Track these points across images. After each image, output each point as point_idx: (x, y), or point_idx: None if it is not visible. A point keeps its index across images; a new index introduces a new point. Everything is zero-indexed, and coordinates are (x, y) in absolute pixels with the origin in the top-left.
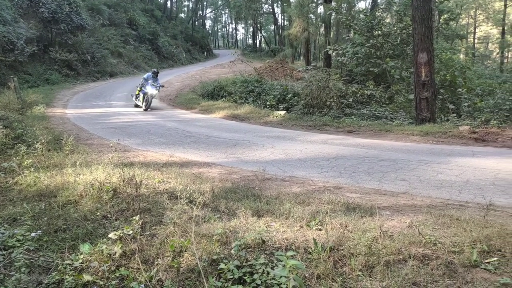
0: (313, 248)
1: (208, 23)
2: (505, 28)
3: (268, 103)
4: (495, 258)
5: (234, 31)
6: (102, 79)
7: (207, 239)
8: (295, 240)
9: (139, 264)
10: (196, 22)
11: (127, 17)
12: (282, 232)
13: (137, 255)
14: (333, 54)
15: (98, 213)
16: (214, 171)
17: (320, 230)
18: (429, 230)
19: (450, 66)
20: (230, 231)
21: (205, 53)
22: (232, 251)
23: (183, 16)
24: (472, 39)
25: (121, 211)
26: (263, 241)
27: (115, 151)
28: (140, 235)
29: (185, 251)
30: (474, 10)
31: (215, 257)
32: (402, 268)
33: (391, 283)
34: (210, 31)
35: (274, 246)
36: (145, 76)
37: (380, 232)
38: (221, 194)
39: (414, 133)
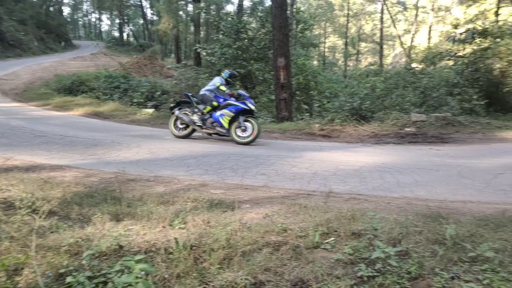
0: (174, 248)
1: (67, 10)
2: (348, 40)
3: (135, 100)
4: (332, 238)
5: (97, 22)
6: None
7: (54, 251)
8: (156, 241)
9: None
10: (52, 8)
11: None
12: (143, 234)
13: None
14: (203, 53)
15: None
16: (69, 175)
17: (183, 228)
18: (281, 219)
19: (304, 71)
20: (83, 240)
21: (63, 43)
22: (84, 262)
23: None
24: (323, 48)
25: None
26: (121, 247)
27: None
28: None
29: (23, 268)
30: (324, 23)
31: (62, 270)
32: (256, 257)
33: (246, 272)
34: (69, 19)
35: (132, 250)
36: (216, 81)
37: (240, 225)
38: (75, 200)
39: (275, 131)
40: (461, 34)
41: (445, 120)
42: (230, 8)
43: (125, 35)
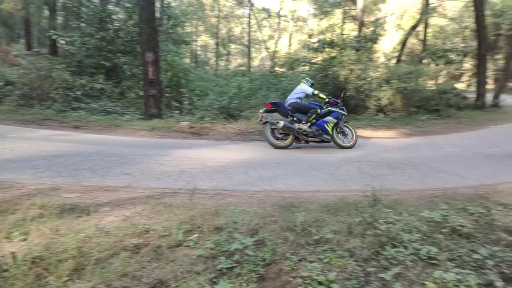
0: (11, 264)
1: None
2: (219, 41)
3: None
4: (196, 235)
5: None
6: None
7: None
8: None
9: None
10: None
11: None
12: None
13: None
14: (61, 41)
15: None
16: None
17: (25, 240)
18: (144, 220)
19: (174, 67)
20: None
21: None
22: None
23: None
24: (195, 46)
25: None
26: None
27: None
28: None
29: None
30: (196, 21)
31: None
32: (113, 262)
33: (99, 280)
34: None
35: None
36: (308, 89)
37: (96, 230)
38: None
39: (143, 128)
40: (314, 43)
41: None
42: None
43: None
